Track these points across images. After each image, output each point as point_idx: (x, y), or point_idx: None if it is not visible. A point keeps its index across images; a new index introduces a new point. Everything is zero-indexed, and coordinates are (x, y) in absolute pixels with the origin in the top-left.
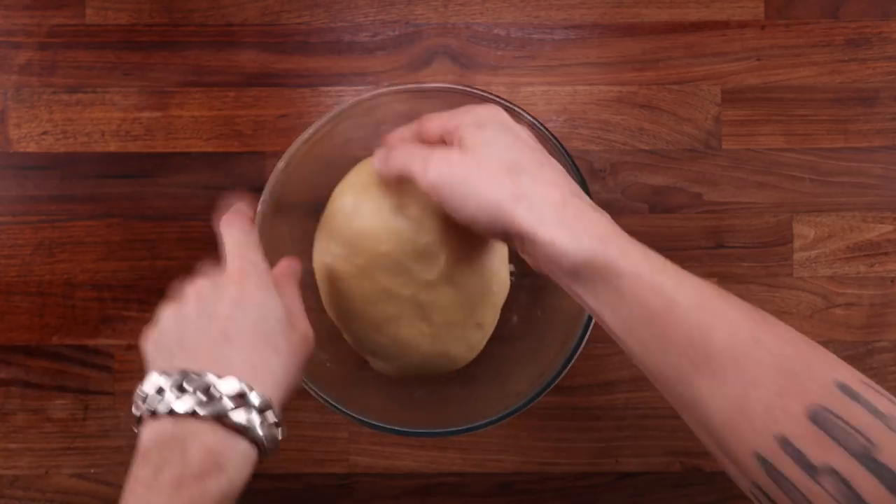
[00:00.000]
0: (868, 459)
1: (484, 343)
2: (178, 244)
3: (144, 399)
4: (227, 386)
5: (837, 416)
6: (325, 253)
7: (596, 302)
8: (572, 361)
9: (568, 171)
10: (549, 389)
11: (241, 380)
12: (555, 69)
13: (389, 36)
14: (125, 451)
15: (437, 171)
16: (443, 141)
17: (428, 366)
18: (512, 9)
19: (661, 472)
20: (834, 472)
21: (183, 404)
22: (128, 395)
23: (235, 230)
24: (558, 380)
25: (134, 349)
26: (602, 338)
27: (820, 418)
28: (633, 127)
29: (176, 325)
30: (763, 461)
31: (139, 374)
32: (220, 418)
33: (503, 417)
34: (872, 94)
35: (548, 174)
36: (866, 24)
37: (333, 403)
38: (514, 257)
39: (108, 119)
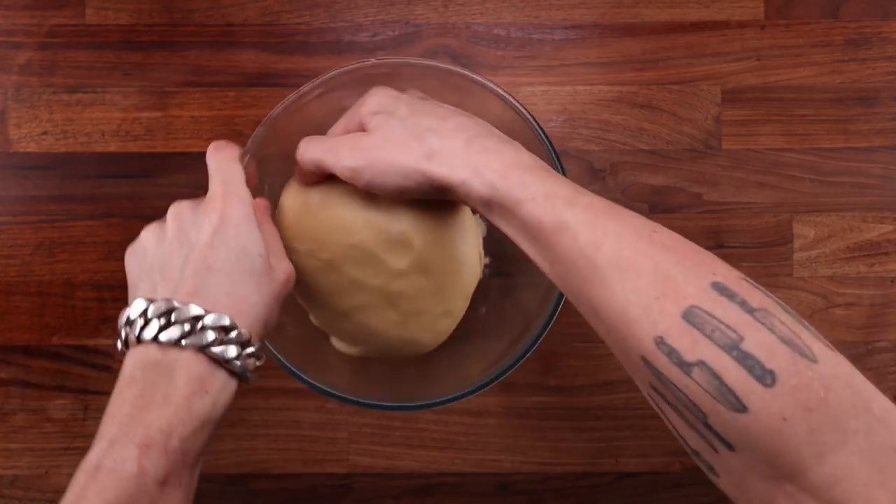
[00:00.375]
0: (735, 350)
1: (451, 330)
2: None
3: (130, 324)
4: (210, 319)
5: (709, 314)
6: (287, 251)
7: (508, 229)
8: (530, 352)
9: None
10: (503, 377)
11: (224, 315)
12: (555, 69)
13: (389, 36)
14: None
15: (350, 156)
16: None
17: (393, 351)
18: (512, 9)
19: (661, 472)
20: (704, 365)
21: (168, 334)
22: None
23: (223, 157)
24: (511, 370)
25: None
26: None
27: (693, 317)
28: (633, 127)
29: (158, 248)
30: (647, 363)
31: None
32: (203, 349)
33: (459, 397)
34: (872, 94)
35: (450, 124)
36: (866, 24)
37: (292, 368)
38: (488, 248)
39: (108, 119)
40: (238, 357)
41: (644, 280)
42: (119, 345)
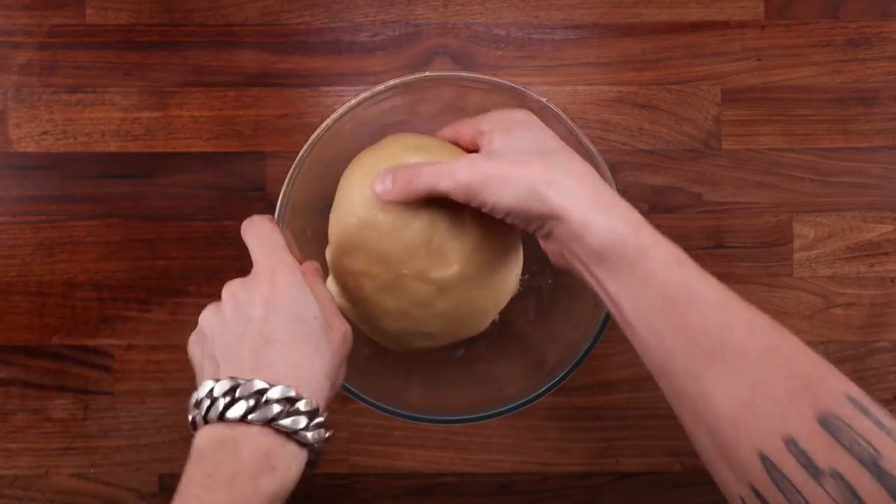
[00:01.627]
0: (873, 466)
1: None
2: (178, 244)
3: (198, 405)
4: (275, 392)
5: (846, 424)
6: (347, 274)
7: (617, 286)
8: (575, 369)
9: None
10: (546, 393)
11: (288, 385)
12: (555, 69)
13: (389, 36)
14: (125, 451)
15: (468, 171)
16: (475, 145)
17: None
18: (512, 9)
19: (661, 472)
20: (839, 476)
21: (234, 411)
22: (128, 395)
23: (259, 230)
24: (555, 387)
25: (134, 349)
26: (603, 338)
27: (829, 424)
28: (633, 127)
29: (216, 330)
30: (765, 460)
31: (139, 373)
32: (270, 423)
33: (495, 414)
34: (872, 94)
35: (578, 165)
36: (866, 24)
37: (366, 397)
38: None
39: (108, 119)
40: (307, 427)
41: (778, 375)
42: (190, 428)
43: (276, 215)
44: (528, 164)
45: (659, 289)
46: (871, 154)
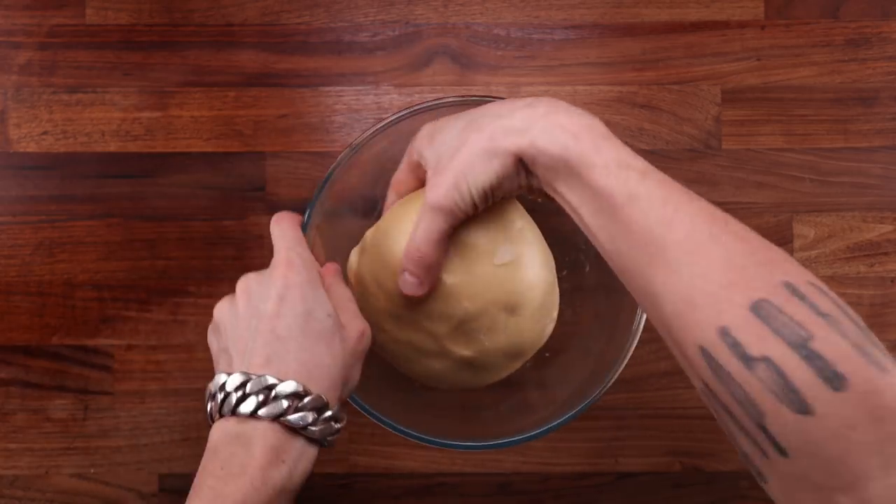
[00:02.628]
0: (804, 349)
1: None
2: (178, 244)
3: (213, 398)
4: (284, 388)
5: (779, 310)
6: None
7: (573, 196)
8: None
9: None
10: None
11: (297, 382)
12: (555, 69)
13: (389, 36)
14: (125, 451)
15: (442, 198)
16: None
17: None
18: (512, 9)
19: (661, 472)
20: (769, 361)
21: (245, 406)
22: (128, 395)
23: (285, 225)
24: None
25: (134, 349)
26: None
27: (762, 311)
28: (633, 127)
29: (230, 323)
30: (705, 353)
31: (139, 373)
32: (278, 418)
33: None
34: (872, 94)
35: (501, 104)
36: (866, 24)
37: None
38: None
39: (108, 119)
40: (315, 422)
41: (714, 267)
42: (208, 419)
43: (305, 216)
44: (464, 141)
45: (603, 193)
46: (871, 154)
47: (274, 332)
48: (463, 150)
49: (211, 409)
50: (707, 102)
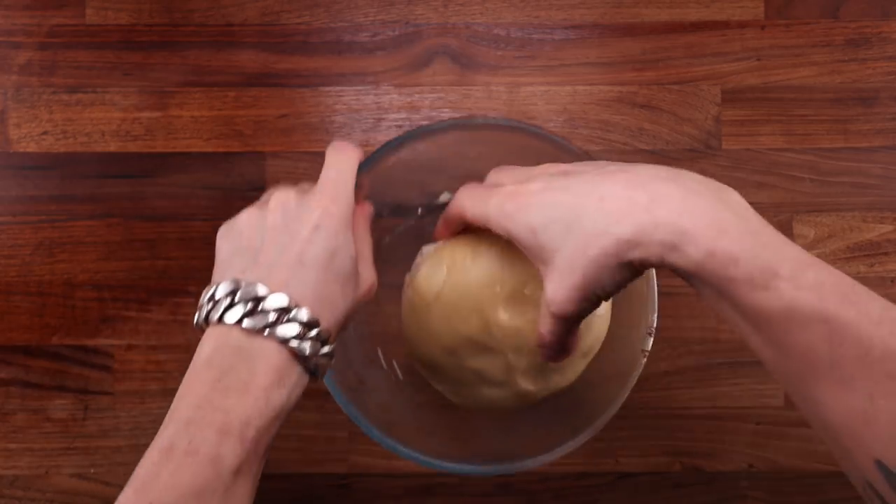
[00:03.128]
0: None
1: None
2: (178, 244)
3: (215, 303)
4: (298, 314)
5: None
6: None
7: (727, 311)
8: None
9: None
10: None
11: (311, 312)
12: (555, 69)
13: (389, 36)
14: (125, 451)
15: (562, 301)
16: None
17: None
18: (512, 9)
19: (661, 472)
20: None
21: (252, 322)
22: (128, 395)
23: (342, 156)
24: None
25: (134, 349)
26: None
27: None
28: (633, 127)
29: (256, 232)
30: (883, 468)
31: (139, 373)
32: (286, 342)
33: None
34: (872, 94)
35: (597, 194)
36: (866, 24)
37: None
38: None
39: (108, 119)
40: (315, 354)
41: (893, 386)
42: (197, 319)
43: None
44: (588, 245)
45: (752, 311)
46: (871, 154)
47: (301, 256)
48: (586, 256)
49: (209, 312)
50: (707, 102)
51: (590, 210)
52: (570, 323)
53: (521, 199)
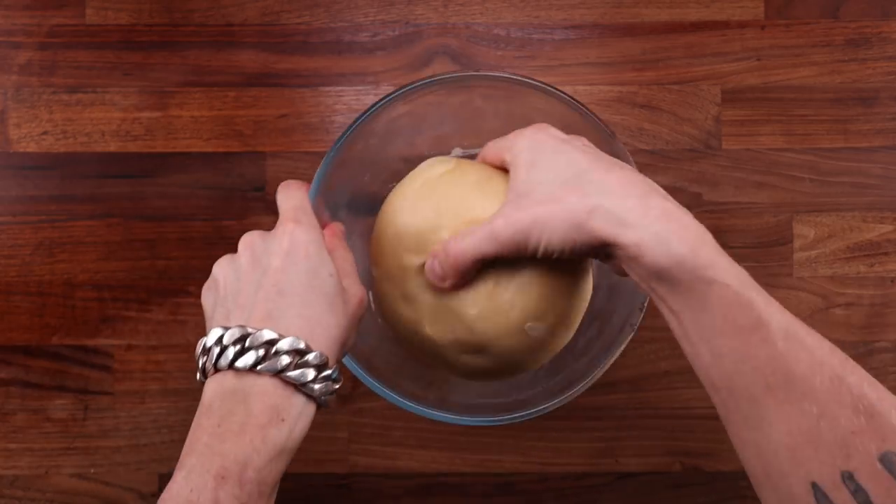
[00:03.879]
0: None
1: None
2: (178, 244)
3: (207, 352)
4: (285, 343)
5: None
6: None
7: (677, 304)
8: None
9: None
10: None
11: (298, 338)
12: (555, 69)
13: (389, 36)
14: (125, 451)
15: (505, 228)
16: (503, 166)
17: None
18: (512, 9)
19: (661, 472)
20: None
21: (243, 361)
22: (128, 395)
23: (292, 191)
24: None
25: (134, 349)
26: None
27: (891, 463)
28: (633, 127)
29: (231, 277)
30: (817, 491)
31: (139, 373)
32: (279, 374)
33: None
34: (872, 94)
35: (615, 177)
36: (866, 24)
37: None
38: None
39: (108, 119)
40: (315, 380)
41: (842, 411)
42: (198, 375)
43: (312, 187)
44: (562, 197)
45: (721, 312)
46: (871, 154)
47: (277, 286)
48: (554, 207)
49: (204, 363)
50: (707, 102)
51: (595, 177)
52: (484, 254)
53: (546, 135)
